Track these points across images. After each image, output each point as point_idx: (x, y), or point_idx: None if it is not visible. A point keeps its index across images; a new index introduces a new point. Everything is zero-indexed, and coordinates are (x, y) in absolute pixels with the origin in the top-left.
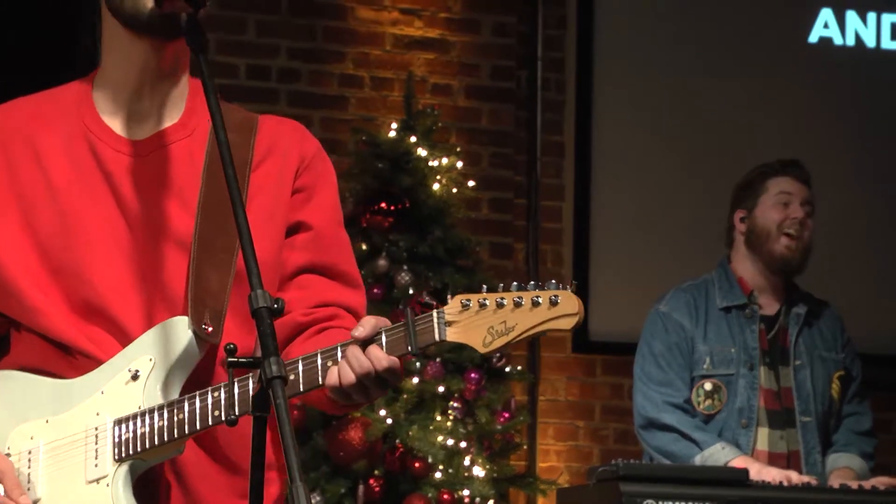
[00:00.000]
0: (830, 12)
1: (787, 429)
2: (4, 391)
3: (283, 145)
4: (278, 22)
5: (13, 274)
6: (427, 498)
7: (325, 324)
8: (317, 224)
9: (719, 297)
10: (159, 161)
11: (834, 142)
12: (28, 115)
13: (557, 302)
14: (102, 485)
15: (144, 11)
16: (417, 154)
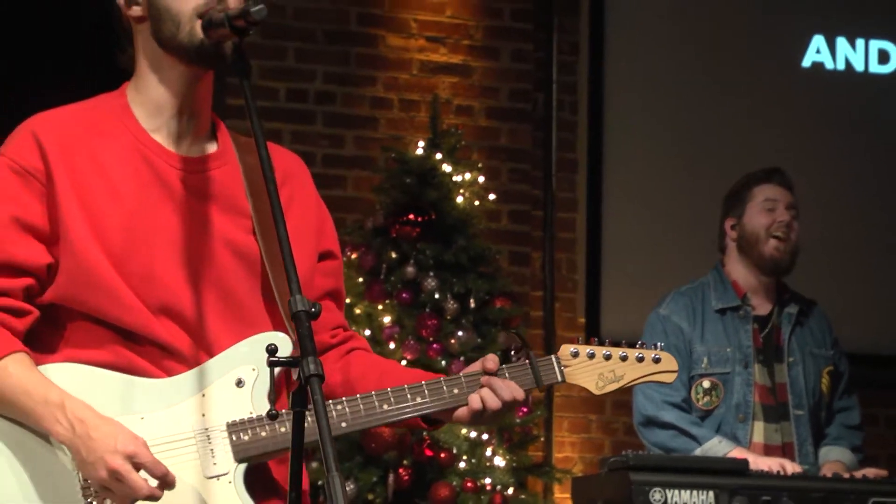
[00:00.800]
0: (822, 39)
1: (781, 422)
2: (72, 383)
3: (297, 174)
4: (315, 49)
5: (102, 273)
6: (452, 486)
7: (348, 345)
8: (337, 253)
9: (715, 299)
10: (208, 180)
11: (824, 156)
12: (81, 125)
13: (660, 360)
14: (224, 481)
15: (195, 42)
16: (442, 170)
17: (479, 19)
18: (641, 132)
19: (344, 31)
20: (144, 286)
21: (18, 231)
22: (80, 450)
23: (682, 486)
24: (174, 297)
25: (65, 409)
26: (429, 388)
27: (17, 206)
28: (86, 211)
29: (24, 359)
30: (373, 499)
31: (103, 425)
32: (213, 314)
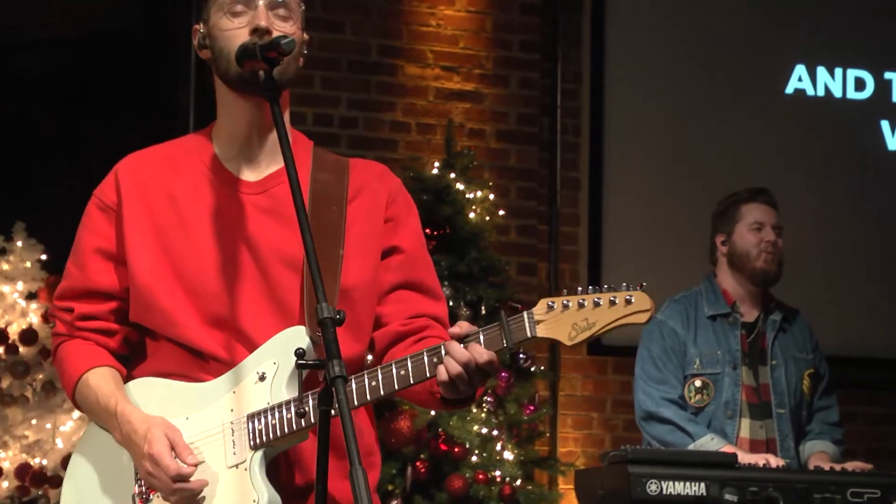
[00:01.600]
0: (803, 68)
1: (765, 419)
2: (147, 395)
3: (373, 184)
4: (339, 78)
5: (156, 294)
6: (465, 478)
7: (421, 333)
8: (407, 247)
9: (707, 306)
10: (270, 199)
11: (805, 174)
12: (159, 161)
13: (632, 301)
14: (241, 469)
15: (233, 73)
16: (456, 188)
17: (489, 50)
18: (638, 153)
19: (365, 61)
20: (200, 301)
21: (100, 261)
22: (130, 451)
23: (676, 479)
24: (226, 308)
25: (117, 415)
26: (412, 361)
27: (100, 237)
28: (148, 238)
29: (102, 372)
30: (392, 489)
31: (140, 427)
32: (262, 320)
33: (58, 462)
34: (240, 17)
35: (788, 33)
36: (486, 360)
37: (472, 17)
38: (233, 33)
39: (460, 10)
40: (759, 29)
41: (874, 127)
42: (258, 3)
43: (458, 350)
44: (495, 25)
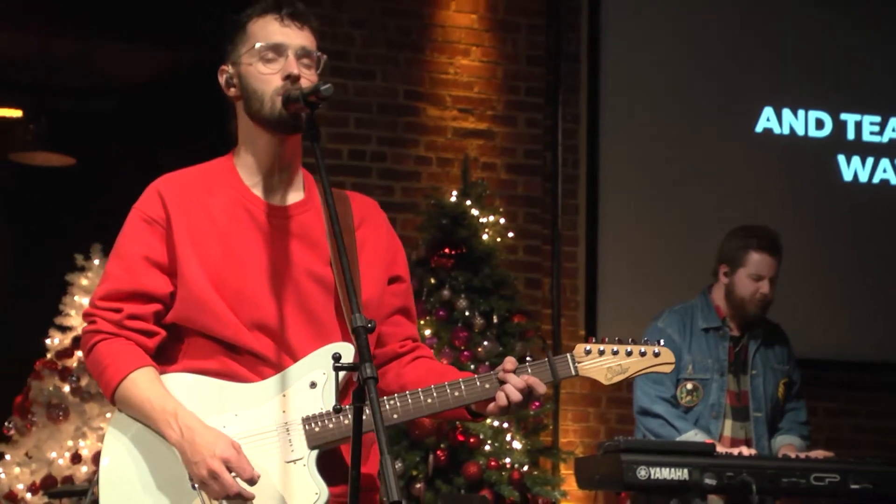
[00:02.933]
0: (771, 109)
1: (744, 421)
2: (184, 390)
3: (372, 216)
4: (370, 118)
5: (206, 298)
6: (479, 464)
7: (414, 353)
8: (405, 277)
9: (701, 319)
10: (296, 224)
11: (773, 200)
12: (195, 183)
13: (659, 354)
14: (299, 464)
15: (276, 115)
16: (471, 213)
17: (500, 95)
18: (630, 183)
19: (393, 104)
20: (242, 307)
21: (147, 267)
22: (187, 451)
23: (663, 465)
24: (265, 315)
25: (177, 417)
26: (465, 385)
27: (146, 247)
28: (197, 249)
29: (150, 372)
30: (416, 474)
31: (207, 433)
32: (296, 328)
33: None
34: (272, 63)
35: (758, 79)
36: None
37: (485, 67)
38: (267, 77)
39: (475, 61)
40: (733, 76)
41: (832, 161)
42: (289, 54)
43: (517, 380)
44: (505, 74)
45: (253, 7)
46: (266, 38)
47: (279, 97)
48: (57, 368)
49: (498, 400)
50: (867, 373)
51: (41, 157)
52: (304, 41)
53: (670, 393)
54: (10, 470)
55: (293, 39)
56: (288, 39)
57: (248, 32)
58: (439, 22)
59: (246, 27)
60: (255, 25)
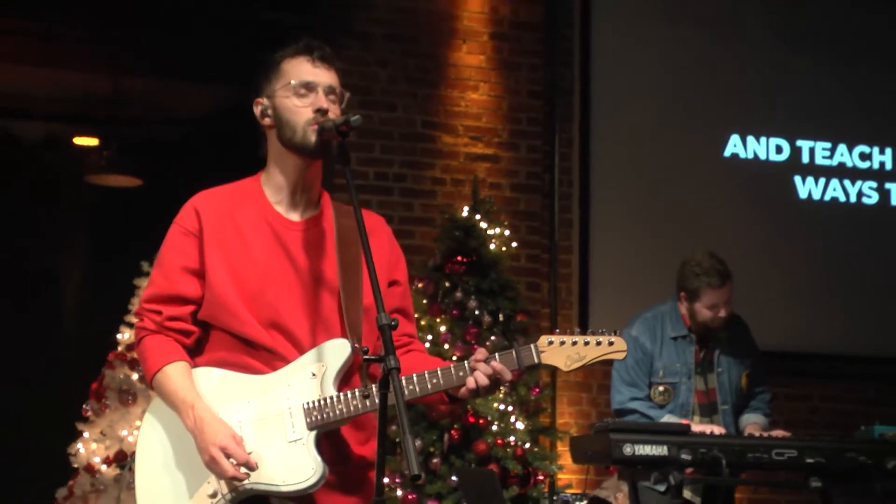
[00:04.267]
0: (738, 136)
1: (712, 416)
2: (209, 381)
3: (377, 229)
4: (393, 145)
5: (228, 299)
6: (487, 442)
7: (407, 347)
8: (403, 281)
9: (670, 328)
10: (312, 236)
11: (739, 215)
12: (226, 199)
13: (613, 343)
14: (299, 444)
15: (307, 143)
16: (480, 226)
17: (505, 124)
18: (618, 199)
19: (412, 132)
20: (259, 307)
21: (184, 274)
22: (197, 438)
23: (645, 442)
24: (279, 315)
25: (193, 408)
26: (441, 373)
27: (183, 256)
28: (224, 257)
29: (181, 366)
30: (433, 451)
31: (213, 423)
32: (305, 326)
33: None
34: (304, 98)
35: (727, 110)
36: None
37: (492, 100)
38: (300, 110)
39: (483, 95)
40: (704, 107)
41: (789, 181)
42: (319, 90)
43: (486, 368)
44: (509, 106)
45: (286, 48)
46: (299, 77)
47: (311, 127)
48: (126, 359)
49: (468, 384)
50: (820, 362)
51: (113, 179)
52: (331, 80)
53: (644, 394)
54: (88, 445)
55: (322, 78)
56: (318, 78)
57: (283, 70)
58: (452, 62)
59: (280, 65)
60: (289, 65)
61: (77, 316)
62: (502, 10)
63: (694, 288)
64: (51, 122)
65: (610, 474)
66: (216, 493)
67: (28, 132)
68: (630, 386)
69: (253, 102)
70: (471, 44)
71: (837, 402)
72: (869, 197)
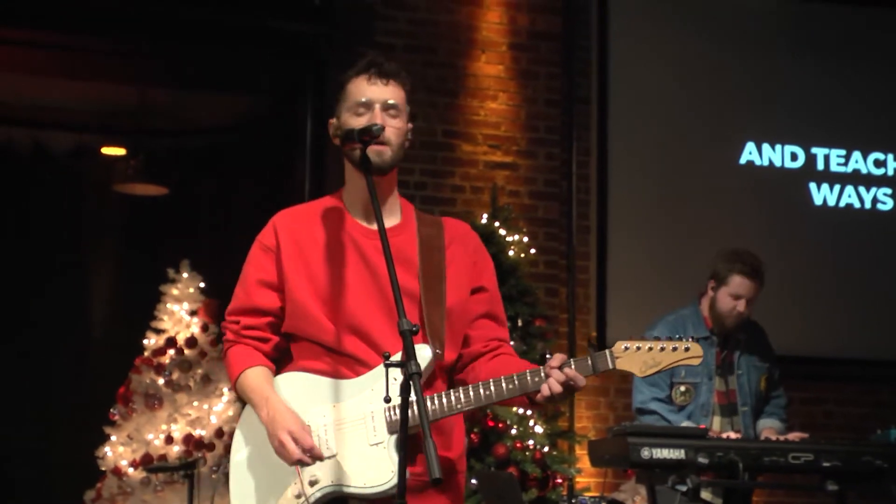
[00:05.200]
0: (753, 144)
1: (732, 416)
2: (297, 385)
3: (461, 237)
4: (413, 153)
5: (309, 309)
6: (506, 446)
7: (496, 352)
8: (489, 287)
9: (692, 329)
10: (392, 244)
11: (755, 222)
12: (305, 215)
13: (689, 349)
14: (380, 447)
15: (357, 159)
16: (499, 233)
17: (523, 133)
18: (635, 206)
19: (433, 141)
20: (340, 316)
21: (260, 287)
22: (269, 427)
23: (662, 446)
24: (360, 322)
25: (268, 401)
26: (518, 379)
27: (261, 270)
28: (305, 269)
29: (259, 370)
30: None
31: (284, 413)
32: (385, 333)
33: (212, 433)
34: (362, 116)
35: (743, 118)
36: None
37: (511, 109)
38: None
39: (502, 104)
40: (721, 115)
41: (804, 188)
42: (375, 107)
43: (559, 374)
44: (527, 115)
45: (352, 68)
46: (357, 96)
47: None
48: (153, 364)
49: (542, 391)
50: (835, 366)
51: (140, 188)
52: (388, 95)
53: (665, 394)
54: (115, 449)
55: (378, 95)
56: (373, 96)
57: (347, 91)
58: (472, 72)
59: (345, 87)
60: (352, 85)
61: (105, 322)
62: (520, 21)
63: (725, 272)
64: (80, 132)
65: (628, 477)
66: (300, 494)
67: (58, 143)
68: (651, 386)
69: (328, 124)
70: (489, 54)
71: (852, 405)
72: (884, 203)
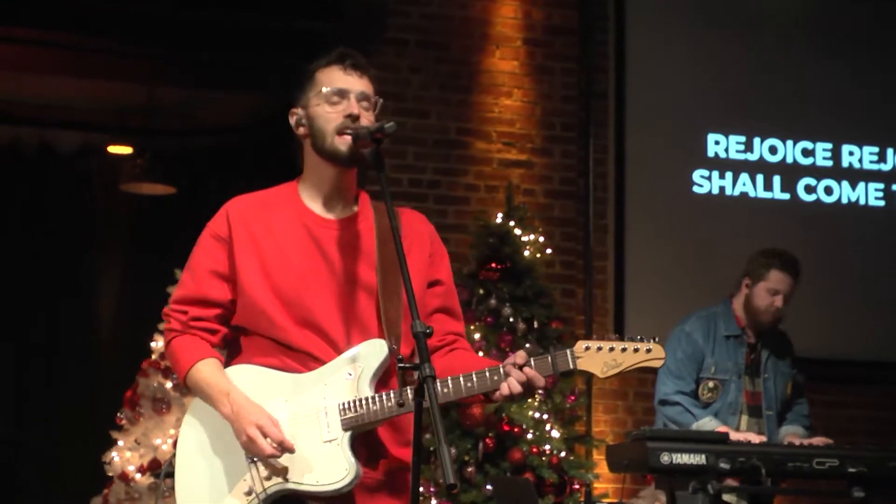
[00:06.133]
0: (779, 141)
1: (758, 418)
2: (249, 378)
3: (417, 228)
4: (426, 152)
5: (262, 304)
6: (522, 451)
7: (452, 346)
8: (445, 280)
9: (723, 327)
10: (349, 235)
11: (777, 221)
12: (260, 203)
13: (651, 350)
14: (334, 444)
15: (339, 152)
16: (514, 233)
17: (538, 130)
18: (653, 204)
19: (446, 139)
20: (294, 309)
21: (212, 277)
22: (234, 422)
23: (683, 451)
24: (314, 316)
25: (229, 395)
26: (476, 377)
27: (212, 260)
28: (257, 261)
29: (212, 362)
30: (468, 460)
31: (248, 406)
32: (341, 327)
33: None
34: (336, 106)
35: (760, 115)
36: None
37: (526, 106)
38: (331, 116)
39: (517, 101)
40: (739, 110)
41: (827, 186)
42: (351, 97)
43: (519, 374)
44: (543, 111)
45: (320, 59)
46: (331, 84)
47: (337, 135)
48: (160, 367)
49: (501, 390)
50: (859, 369)
51: (147, 187)
52: (363, 87)
53: (690, 388)
54: (122, 454)
55: (354, 86)
56: (350, 86)
57: (316, 79)
58: (485, 68)
59: (314, 75)
60: (322, 74)
61: (111, 324)
62: (536, 16)
63: (762, 267)
64: (86, 131)
65: (647, 483)
66: (251, 490)
67: (64, 141)
68: (677, 378)
69: (289, 113)
70: (504, 49)
71: (876, 409)
72: None
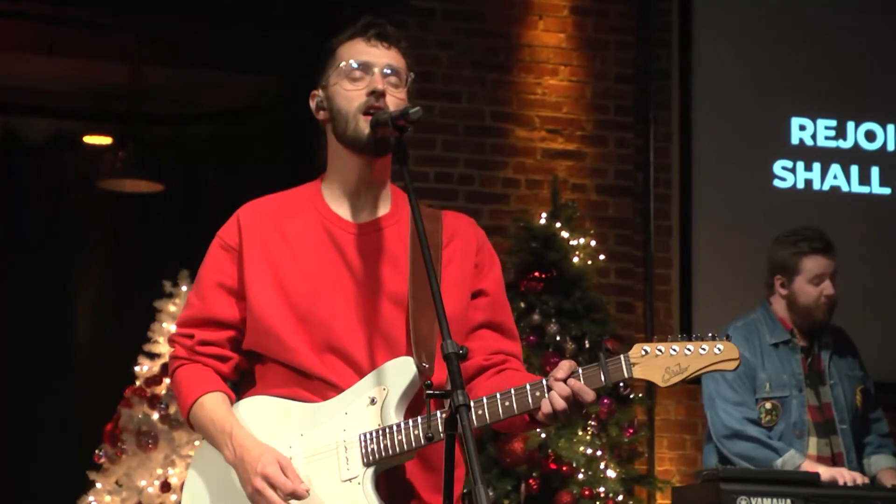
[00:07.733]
0: (853, 124)
1: (830, 436)
2: (260, 412)
3: (463, 233)
4: (457, 140)
5: (272, 323)
6: (573, 493)
7: (501, 367)
8: (492, 292)
9: (768, 334)
10: (377, 240)
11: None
12: (276, 207)
13: (721, 350)
14: (354, 483)
15: (363, 137)
16: (561, 236)
17: (589, 114)
18: (723, 202)
19: (480, 125)
20: (313, 330)
21: (221, 293)
22: (239, 469)
23: (764, 495)
24: (336, 337)
25: (232, 436)
26: (516, 394)
27: (221, 274)
28: (270, 275)
29: (216, 396)
30: (508, 503)
31: (254, 450)
32: (366, 347)
33: None
34: (358, 82)
35: (844, 97)
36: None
37: (574, 86)
38: (352, 94)
39: (563, 80)
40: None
41: None
42: (375, 71)
43: (562, 387)
44: (594, 93)
45: (343, 32)
46: (352, 58)
47: (362, 115)
48: (146, 396)
49: (543, 408)
50: None
51: (130, 185)
52: (390, 59)
53: (755, 414)
54: (100, 498)
55: (379, 58)
56: (374, 58)
57: (337, 55)
58: (526, 42)
59: (335, 51)
60: (344, 48)
61: (89, 345)
62: None
63: (793, 259)
64: (60, 118)
65: None
66: None
67: (33, 130)
68: (738, 405)
69: (309, 96)
70: (548, 20)
71: None
72: None
